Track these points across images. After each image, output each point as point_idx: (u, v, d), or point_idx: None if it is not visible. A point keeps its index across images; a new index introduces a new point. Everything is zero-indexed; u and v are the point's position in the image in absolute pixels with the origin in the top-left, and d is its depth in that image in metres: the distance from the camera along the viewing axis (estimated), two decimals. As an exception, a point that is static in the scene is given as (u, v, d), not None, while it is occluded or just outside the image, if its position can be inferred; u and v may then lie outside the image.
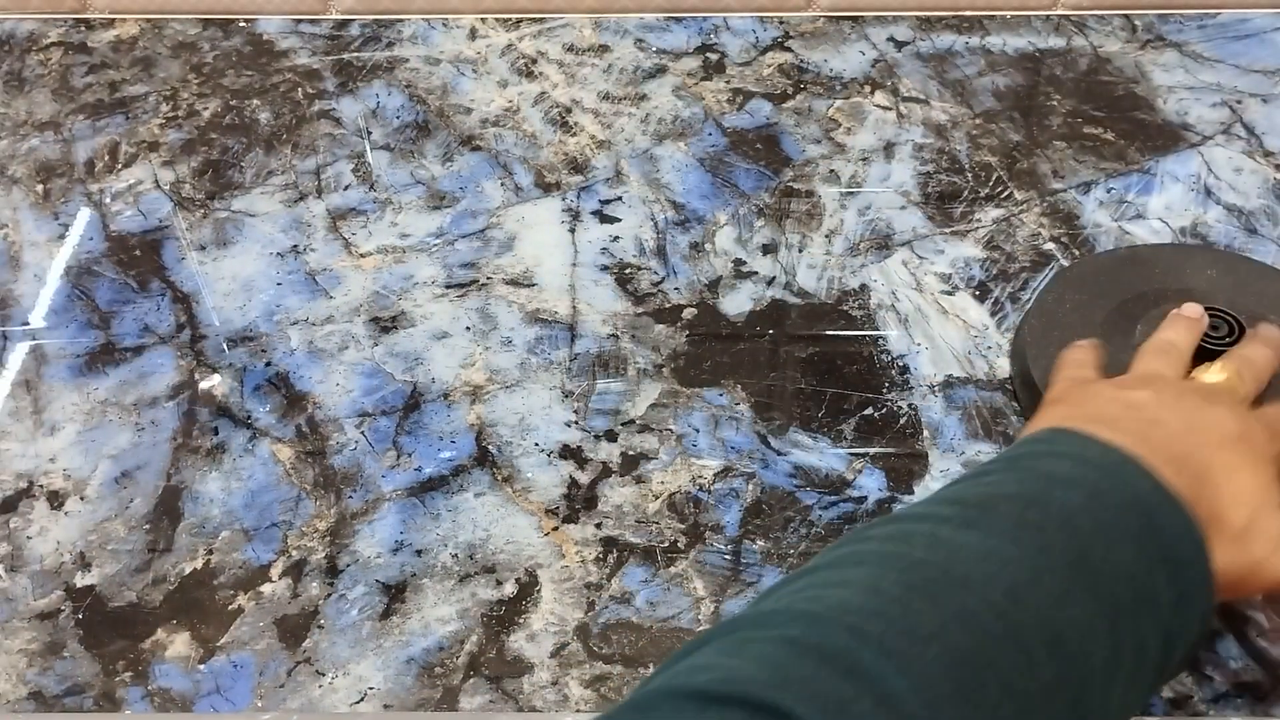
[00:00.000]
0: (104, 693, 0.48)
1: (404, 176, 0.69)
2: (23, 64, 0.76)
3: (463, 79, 0.75)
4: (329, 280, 0.64)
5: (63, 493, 0.55)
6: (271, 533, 0.53)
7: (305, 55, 0.76)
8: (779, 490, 0.54)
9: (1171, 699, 0.48)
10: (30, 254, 0.65)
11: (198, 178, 0.69)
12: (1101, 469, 0.39)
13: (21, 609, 0.51)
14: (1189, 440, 0.42)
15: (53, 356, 0.60)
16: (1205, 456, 0.42)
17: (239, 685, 0.49)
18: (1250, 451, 0.43)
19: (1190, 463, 0.41)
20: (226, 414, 0.58)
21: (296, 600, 0.51)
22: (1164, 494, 0.38)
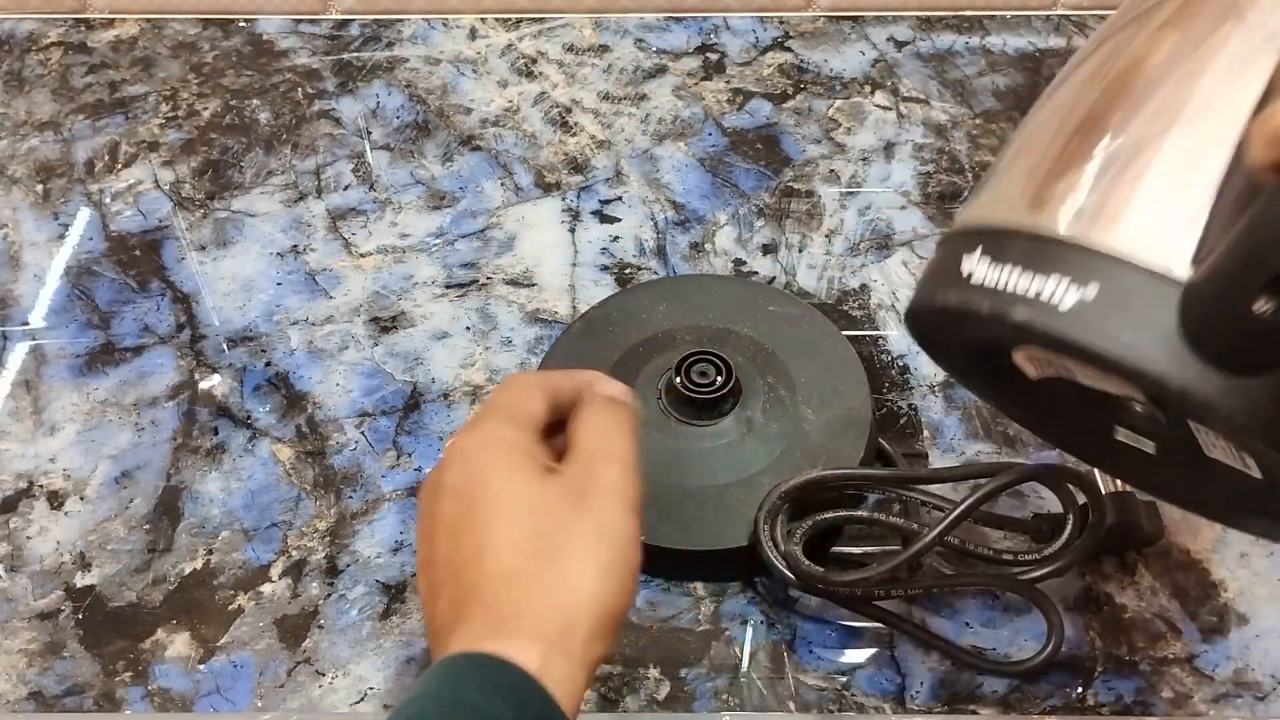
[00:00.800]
0: (104, 693, 0.48)
1: (404, 176, 0.69)
2: (22, 64, 0.76)
3: (463, 79, 0.75)
4: (329, 280, 0.64)
5: (63, 493, 0.55)
6: (271, 533, 0.53)
7: (305, 55, 0.76)
8: (779, 490, 0.54)
9: (1171, 698, 0.48)
10: (30, 254, 0.65)
11: (197, 178, 0.69)
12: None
13: (21, 609, 0.51)
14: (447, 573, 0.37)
15: (52, 356, 0.60)
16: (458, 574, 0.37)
17: (239, 685, 0.49)
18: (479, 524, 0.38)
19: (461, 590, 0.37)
20: (226, 414, 0.58)
21: (296, 600, 0.51)
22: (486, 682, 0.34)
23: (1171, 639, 0.49)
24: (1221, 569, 0.51)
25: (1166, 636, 0.49)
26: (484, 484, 0.38)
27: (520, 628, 0.35)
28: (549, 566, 0.36)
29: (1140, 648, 0.49)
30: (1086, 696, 0.48)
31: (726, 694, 0.48)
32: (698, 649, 0.49)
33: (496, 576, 0.36)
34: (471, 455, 0.39)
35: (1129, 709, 0.47)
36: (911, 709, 0.48)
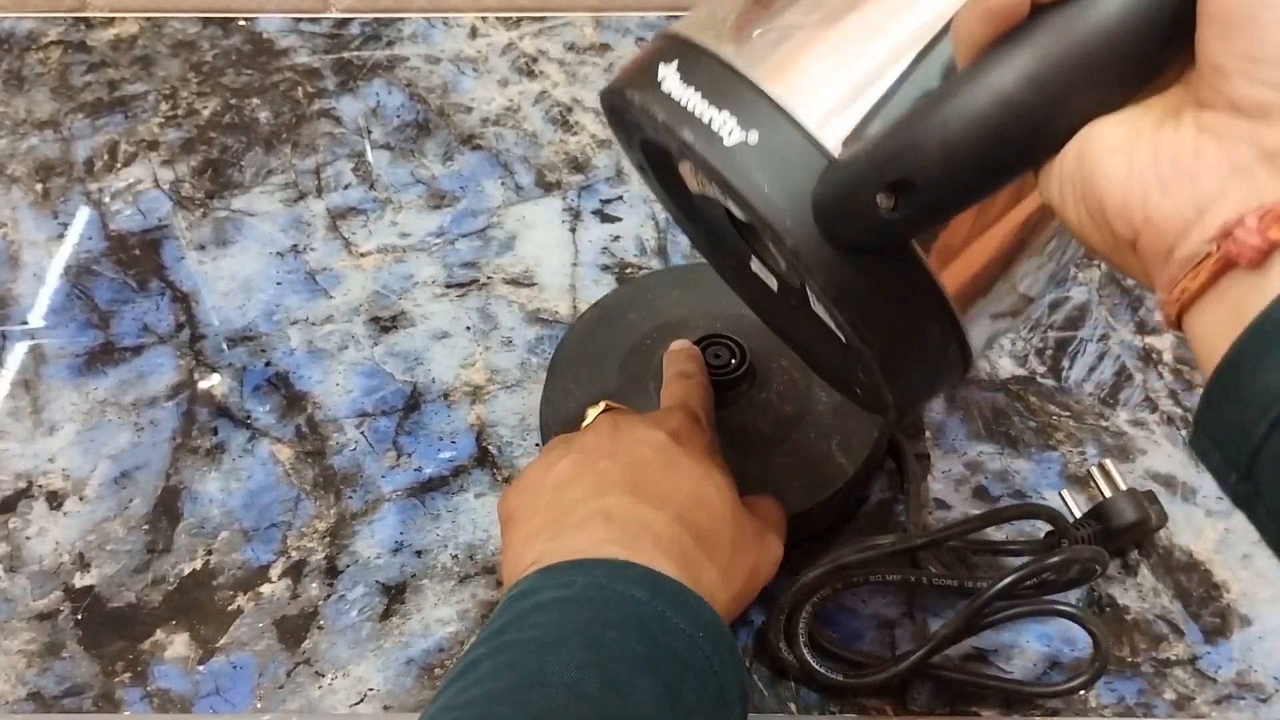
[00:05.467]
0: (103, 693, 0.48)
1: (404, 175, 0.69)
2: (22, 62, 0.76)
3: (463, 78, 0.75)
4: (329, 280, 0.63)
5: (62, 493, 0.55)
6: (271, 533, 0.53)
7: (305, 54, 0.76)
8: (780, 491, 0.54)
9: (1174, 700, 0.47)
10: (29, 253, 0.65)
11: (197, 177, 0.69)
12: (589, 603, 0.38)
13: (20, 609, 0.51)
14: (640, 502, 0.43)
15: (52, 356, 0.60)
16: (656, 509, 0.43)
17: (238, 686, 0.48)
18: (682, 467, 0.45)
19: (653, 527, 0.42)
20: (226, 414, 0.58)
21: (296, 601, 0.51)
22: (657, 590, 0.39)
23: (1174, 640, 0.49)
24: (1224, 570, 0.51)
25: (1169, 638, 0.49)
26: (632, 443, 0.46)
27: (611, 539, 0.41)
28: (638, 499, 0.43)
29: (1143, 649, 0.49)
30: (1088, 698, 0.48)
31: (727, 695, 0.48)
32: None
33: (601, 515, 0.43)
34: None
35: (1131, 711, 0.47)
36: (913, 710, 0.47)
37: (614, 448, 0.45)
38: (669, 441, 0.45)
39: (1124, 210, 0.29)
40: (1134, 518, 0.50)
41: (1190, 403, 0.57)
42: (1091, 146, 0.30)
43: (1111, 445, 0.56)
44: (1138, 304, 0.62)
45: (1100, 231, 0.30)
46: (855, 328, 0.35)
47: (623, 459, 0.44)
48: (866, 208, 0.32)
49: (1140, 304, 0.62)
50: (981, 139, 0.30)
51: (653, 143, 0.40)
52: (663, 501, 0.43)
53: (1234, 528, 0.52)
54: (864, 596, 0.51)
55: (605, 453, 0.45)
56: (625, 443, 0.45)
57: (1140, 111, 0.30)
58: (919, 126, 0.31)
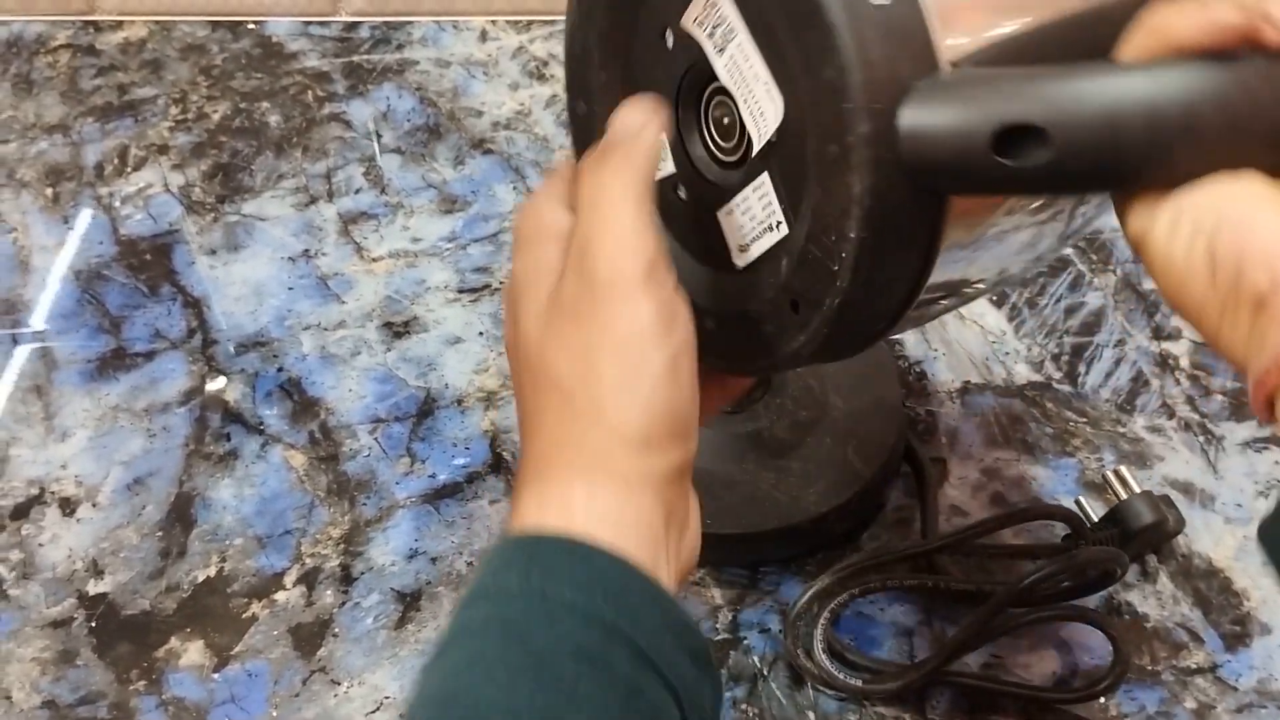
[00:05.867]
0: (117, 702, 0.48)
1: (415, 180, 0.69)
2: (31, 66, 0.75)
3: (474, 81, 0.75)
4: (340, 285, 0.63)
5: (74, 499, 0.55)
6: (285, 540, 0.53)
7: (315, 57, 0.76)
8: (796, 497, 0.54)
9: (1195, 709, 0.47)
10: (39, 258, 0.65)
11: (207, 181, 0.69)
12: (554, 662, 0.31)
13: (34, 617, 0.51)
14: (652, 450, 0.34)
15: (63, 361, 0.60)
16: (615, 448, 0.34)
17: (254, 694, 0.48)
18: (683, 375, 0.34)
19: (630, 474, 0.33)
20: (238, 420, 0.57)
21: (311, 608, 0.51)
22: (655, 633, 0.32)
23: (1194, 649, 0.49)
24: (1244, 578, 0.51)
25: (1189, 646, 0.49)
26: (516, 330, 0.36)
27: (553, 466, 0.34)
28: (560, 398, 0.34)
29: (1163, 657, 0.49)
30: (1109, 706, 0.47)
31: (745, 703, 0.48)
32: (716, 658, 0.49)
33: (528, 417, 0.36)
34: (507, 304, 0.37)
35: (1152, 719, 0.47)
36: (932, 718, 0.47)
37: (662, 336, 0.34)
38: (664, 324, 0.34)
39: (1270, 261, 0.29)
40: (1151, 520, 0.50)
41: (1208, 409, 0.57)
42: (1241, 188, 0.30)
43: (1129, 451, 0.55)
44: (1154, 309, 0.62)
45: (1217, 276, 0.29)
46: (856, 254, 0.32)
47: (658, 357, 0.34)
48: (971, 138, 0.30)
49: (1156, 309, 0.62)
50: (1148, 132, 0.29)
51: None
52: (670, 443, 0.34)
53: (1254, 535, 0.52)
54: (882, 605, 0.50)
55: (649, 338, 0.34)
56: (671, 333, 0.34)
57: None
58: (1083, 85, 0.29)
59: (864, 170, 0.31)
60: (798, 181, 0.34)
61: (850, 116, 0.31)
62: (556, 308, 0.35)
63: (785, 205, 0.35)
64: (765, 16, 0.34)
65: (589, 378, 0.33)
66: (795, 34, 0.32)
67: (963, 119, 0.30)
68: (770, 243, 0.36)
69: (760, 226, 0.37)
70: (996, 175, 0.30)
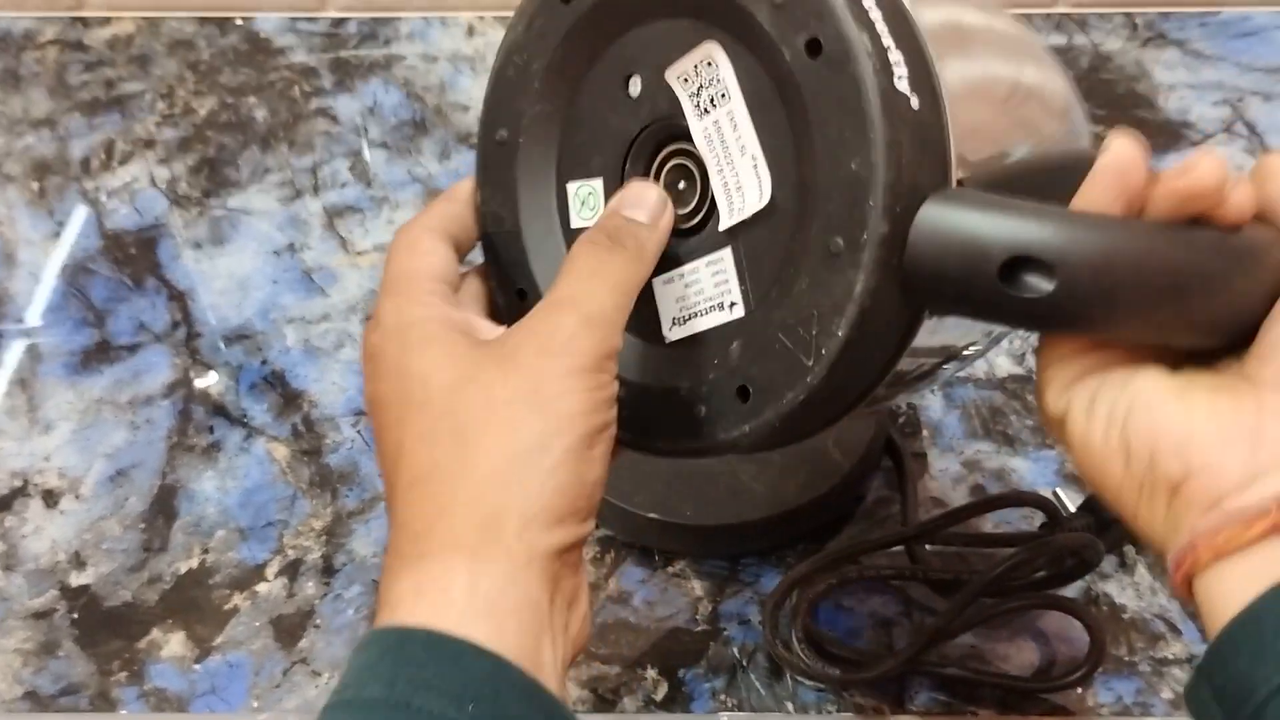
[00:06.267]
0: (99, 693, 0.48)
1: (401, 174, 0.69)
2: (19, 61, 0.76)
3: (460, 76, 0.75)
4: (325, 278, 0.63)
5: (57, 491, 0.55)
6: (267, 532, 0.53)
7: (302, 53, 0.76)
8: (777, 489, 0.54)
9: (1171, 699, 0.47)
10: (25, 252, 0.65)
11: (194, 175, 0.69)
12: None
13: (16, 608, 0.51)
14: (553, 527, 0.31)
15: (48, 354, 0.60)
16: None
17: (235, 685, 0.48)
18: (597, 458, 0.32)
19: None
20: (222, 412, 0.58)
21: (292, 600, 0.51)
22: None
23: (1171, 639, 0.49)
24: (1222, 569, 0.51)
25: (1166, 637, 0.49)
26: (396, 379, 0.33)
27: (434, 543, 0.30)
28: (462, 452, 0.31)
29: (1140, 648, 0.49)
30: (1086, 697, 0.48)
31: (724, 694, 0.48)
32: (696, 649, 0.49)
33: (410, 485, 0.31)
34: (376, 356, 0.34)
35: (1129, 710, 0.47)
36: (910, 710, 0.47)
37: (589, 414, 0.31)
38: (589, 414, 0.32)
39: (1181, 450, 0.31)
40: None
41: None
42: (1148, 380, 0.32)
43: (1109, 444, 0.56)
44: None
45: (1132, 463, 0.31)
46: (838, 353, 0.31)
47: (551, 422, 0.31)
48: (982, 261, 0.30)
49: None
50: (1139, 288, 0.30)
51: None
52: (572, 521, 0.31)
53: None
54: (861, 596, 0.50)
55: (578, 414, 0.31)
56: (562, 398, 0.31)
57: (1180, 373, 0.33)
58: (1093, 228, 0.30)
59: (870, 271, 0.30)
60: (770, 265, 0.33)
61: (869, 215, 0.30)
62: (485, 351, 0.32)
63: (746, 286, 0.34)
64: (780, 91, 0.32)
65: (503, 435, 0.31)
66: (820, 117, 0.31)
67: (977, 240, 0.30)
68: (717, 322, 0.35)
69: (708, 303, 0.35)
70: (995, 301, 0.30)
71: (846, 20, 0.30)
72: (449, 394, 0.31)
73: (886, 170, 0.30)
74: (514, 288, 0.38)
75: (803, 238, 0.32)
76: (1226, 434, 0.30)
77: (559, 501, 0.31)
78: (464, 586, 0.30)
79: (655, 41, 0.35)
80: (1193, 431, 0.31)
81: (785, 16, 0.32)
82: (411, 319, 0.33)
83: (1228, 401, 0.31)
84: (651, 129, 0.36)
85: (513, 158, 0.38)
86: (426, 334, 0.33)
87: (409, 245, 0.36)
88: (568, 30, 0.36)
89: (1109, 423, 0.32)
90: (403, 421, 0.32)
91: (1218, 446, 0.30)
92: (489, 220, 0.39)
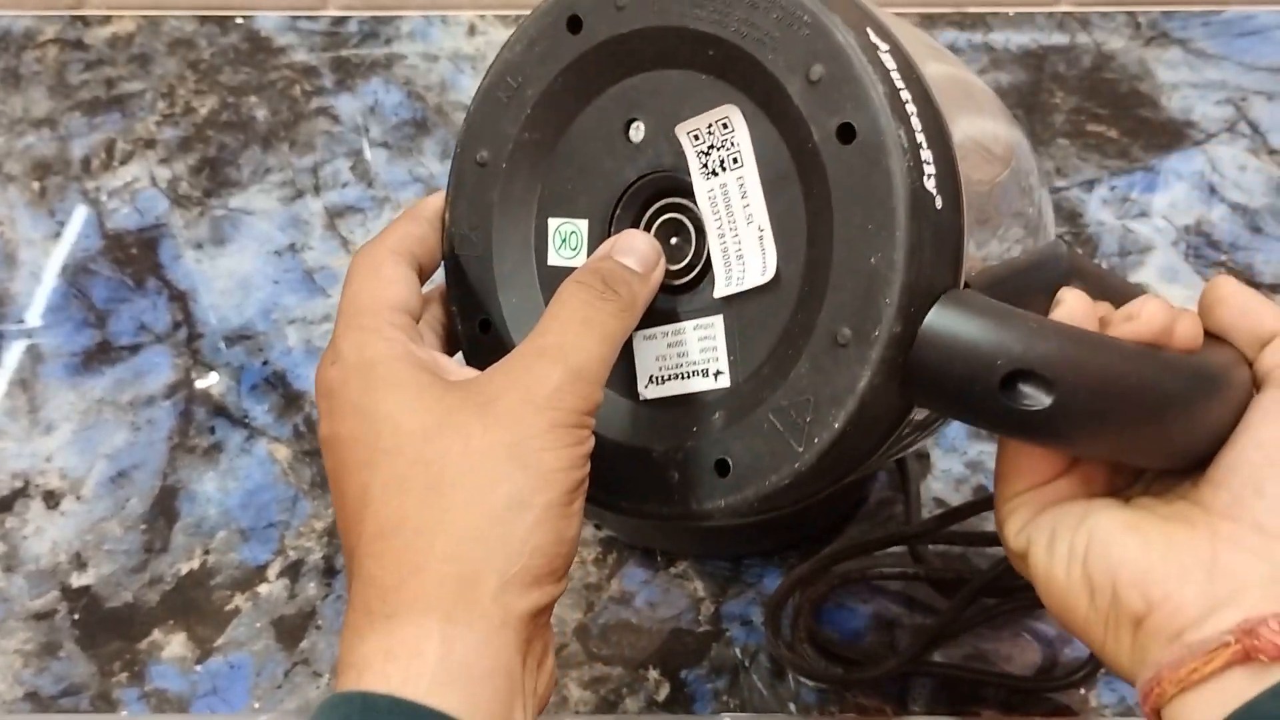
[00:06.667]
0: (100, 693, 0.48)
1: (402, 174, 0.69)
2: (19, 61, 0.76)
3: (461, 76, 0.75)
4: (326, 278, 0.63)
5: (58, 492, 0.55)
6: (269, 533, 0.53)
7: (303, 52, 0.76)
8: (780, 490, 0.54)
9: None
10: (26, 252, 0.65)
11: (194, 175, 0.69)
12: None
13: (17, 609, 0.51)
14: (529, 589, 0.30)
15: (49, 355, 0.60)
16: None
17: (236, 686, 0.48)
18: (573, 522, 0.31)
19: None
20: (223, 413, 0.58)
21: (294, 601, 0.51)
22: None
23: (1175, 640, 0.49)
24: (1225, 569, 0.51)
25: (1170, 637, 0.49)
26: (360, 419, 0.31)
27: (405, 602, 0.28)
28: (437, 504, 0.29)
29: (1143, 649, 0.49)
30: (1089, 698, 0.47)
31: (727, 695, 0.48)
32: (698, 650, 0.49)
33: (378, 536, 0.29)
34: (336, 393, 0.32)
35: (1131, 710, 0.47)
36: (913, 710, 0.47)
37: (569, 470, 0.30)
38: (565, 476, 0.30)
39: (1141, 584, 0.31)
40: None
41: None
42: (1105, 515, 0.33)
43: (1112, 444, 0.56)
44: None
45: (1096, 598, 0.32)
46: (831, 443, 0.31)
47: (520, 486, 0.30)
48: (985, 370, 0.30)
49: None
50: (1135, 407, 0.31)
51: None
52: (548, 581, 0.30)
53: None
54: (864, 597, 0.50)
55: (559, 471, 0.30)
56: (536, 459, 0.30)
57: (1135, 504, 0.34)
58: (1095, 347, 0.31)
59: (877, 368, 0.30)
60: (764, 342, 0.32)
61: (884, 312, 0.30)
62: (461, 396, 0.31)
63: (734, 357, 0.33)
64: (802, 169, 0.31)
65: (482, 489, 0.29)
66: (843, 204, 0.30)
67: (981, 349, 0.30)
68: (699, 388, 0.34)
69: (691, 367, 0.34)
70: (993, 410, 0.30)
71: (885, 112, 0.30)
72: (422, 441, 0.30)
73: (907, 270, 0.29)
74: (478, 318, 0.36)
75: (805, 320, 0.31)
76: (1183, 566, 0.31)
77: (538, 562, 0.29)
78: (437, 651, 0.28)
79: (669, 90, 0.34)
80: (1150, 565, 0.31)
81: (820, 96, 0.30)
82: (375, 355, 0.32)
83: (1182, 533, 0.32)
84: (650, 179, 0.35)
85: (493, 182, 0.36)
86: (393, 373, 0.31)
87: (371, 270, 0.34)
88: (572, 61, 0.35)
89: (1070, 559, 0.33)
90: (369, 466, 0.30)
91: (1175, 579, 0.31)
92: (457, 242, 0.37)
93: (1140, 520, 0.33)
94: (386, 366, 0.31)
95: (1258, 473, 0.32)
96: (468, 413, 0.30)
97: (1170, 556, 0.31)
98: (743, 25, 0.32)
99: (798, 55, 0.31)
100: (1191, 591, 0.31)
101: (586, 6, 0.35)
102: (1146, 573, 0.31)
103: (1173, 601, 0.31)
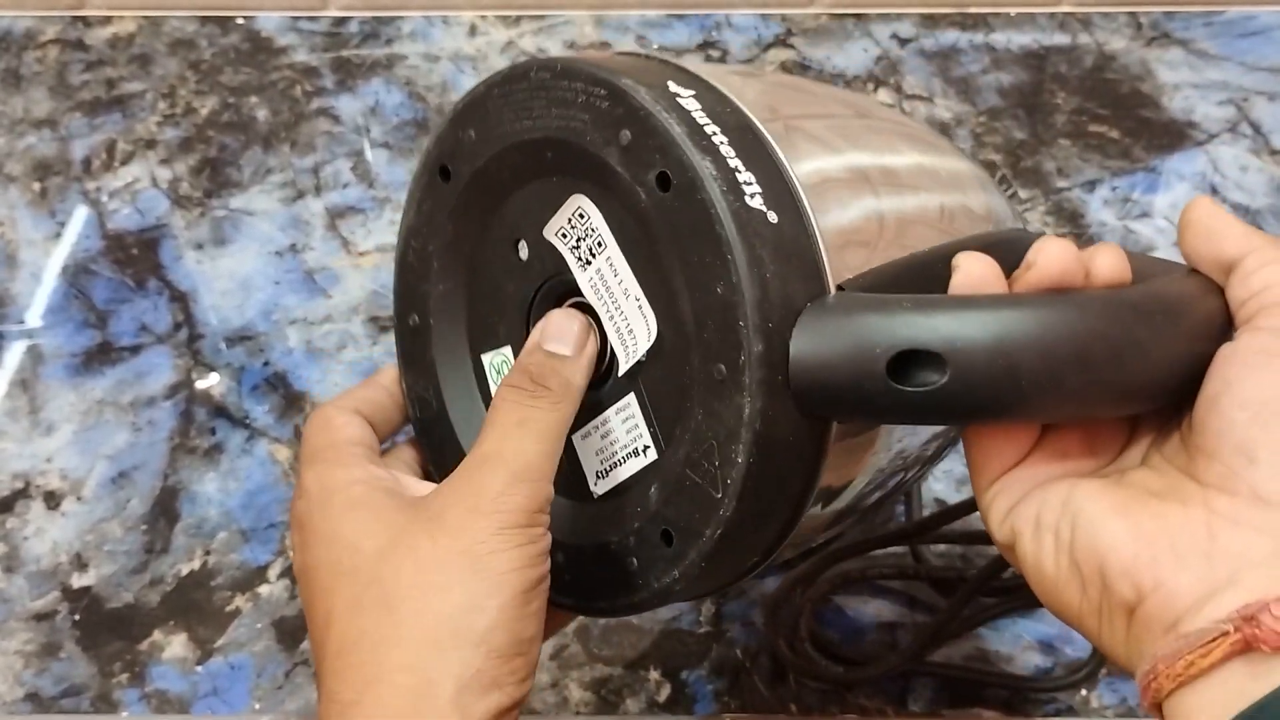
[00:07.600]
0: (101, 694, 0.48)
1: (403, 174, 0.69)
2: (19, 61, 0.76)
3: (462, 76, 0.75)
4: (327, 279, 0.63)
5: (59, 493, 0.55)
6: (269, 533, 0.53)
7: (304, 52, 0.76)
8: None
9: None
10: (27, 252, 0.65)
11: (195, 176, 0.69)
12: None
13: (18, 610, 0.51)
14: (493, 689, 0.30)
15: (49, 356, 0.60)
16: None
17: (236, 687, 0.48)
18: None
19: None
20: (224, 414, 0.58)
21: (294, 601, 0.51)
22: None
23: (1176, 641, 0.49)
24: (1226, 570, 0.51)
25: (1171, 638, 0.49)
26: (324, 546, 0.32)
27: (364, 715, 0.29)
28: (390, 619, 0.30)
29: (1145, 650, 0.49)
30: (1090, 699, 0.47)
31: (727, 696, 0.48)
32: (699, 650, 0.49)
33: (338, 654, 0.30)
34: (304, 524, 0.33)
35: (1133, 711, 0.47)
36: (913, 710, 0.47)
37: (523, 571, 0.31)
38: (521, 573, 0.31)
39: (1131, 572, 0.29)
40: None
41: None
42: (1086, 496, 0.30)
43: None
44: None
45: (1086, 588, 0.30)
46: (743, 480, 0.31)
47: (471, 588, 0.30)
48: (868, 362, 0.29)
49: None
50: (1043, 360, 0.29)
51: (560, 144, 0.34)
52: (509, 682, 0.31)
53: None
54: (865, 597, 0.50)
55: (512, 576, 0.31)
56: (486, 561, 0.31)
57: (1124, 481, 0.31)
58: (979, 312, 0.29)
59: (756, 392, 0.30)
60: (671, 403, 0.33)
61: (742, 335, 0.30)
62: (413, 513, 0.32)
63: (654, 428, 0.34)
64: (644, 229, 0.32)
65: (433, 598, 0.30)
66: (681, 248, 0.31)
67: (859, 343, 0.29)
68: (635, 468, 0.34)
69: (624, 451, 0.34)
70: (890, 400, 0.29)
71: (689, 149, 0.30)
72: (377, 561, 0.31)
73: (750, 288, 0.30)
74: (449, 470, 0.36)
75: (691, 370, 0.32)
76: (1179, 551, 0.29)
77: (495, 665, 0.30)
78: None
79: (532, 203, 0.35)
80: (1140, 551, 0.29)
81: (633, 156, 0.32)
82: (335, 483, 0.33)
83: (1176, 512, 0.29)
84: (545, 288, 0.36)
85: (428, 340, 0.38)
86: (352, 497, 0.33)
87: (323, 423, 0.36)
88: (452, 208, 0.37)
89: (1057, 547, 0.31)
90: (331, 591, 0.31)
91: (1170, 566, 0.28)
92: (416, 405, 0.39)
93: (1129, 501, 0.30)
94: (345, 493, 0.33)
95: (1246, 436, 0.28)
96: (418, 527, 0.31)
97: (1164, 541, 0.29)
98: (559, 120, 0.33)
99: (608, 128, 0.32)
100: (1187, 576, 0.28)
101: (449, 153, 0.37)
102: (1135, 558, 0.29)
103: (1166, 588, 0.28)
